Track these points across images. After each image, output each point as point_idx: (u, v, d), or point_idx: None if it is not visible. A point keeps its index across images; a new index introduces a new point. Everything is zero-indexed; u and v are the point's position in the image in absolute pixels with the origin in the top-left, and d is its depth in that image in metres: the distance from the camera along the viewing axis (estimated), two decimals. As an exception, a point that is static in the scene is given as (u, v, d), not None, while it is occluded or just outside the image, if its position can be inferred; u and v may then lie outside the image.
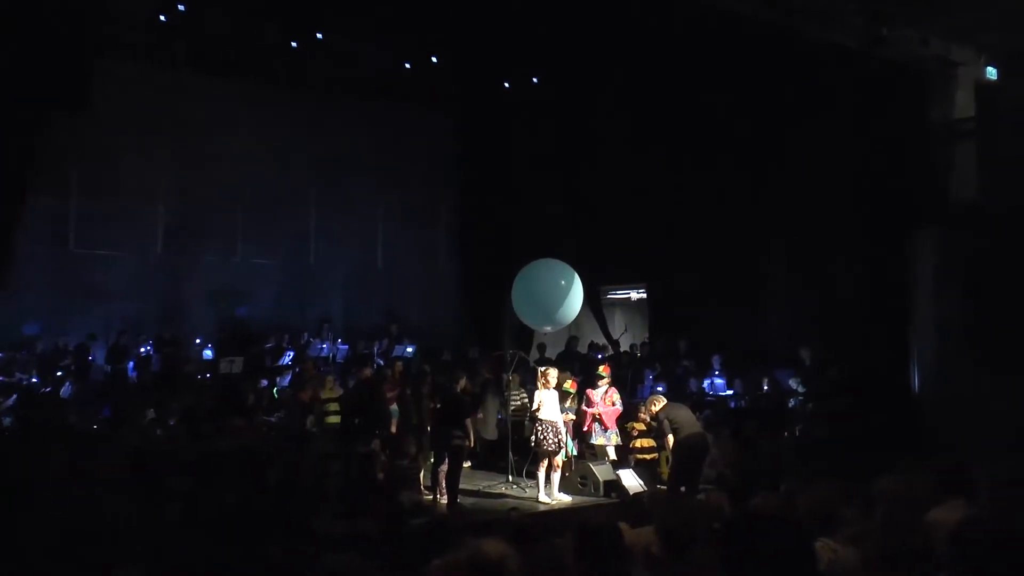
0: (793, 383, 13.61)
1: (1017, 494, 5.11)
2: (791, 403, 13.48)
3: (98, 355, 14.68)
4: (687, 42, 13.93)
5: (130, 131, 15.55)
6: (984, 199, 13.11)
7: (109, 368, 14.30)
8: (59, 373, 13.54)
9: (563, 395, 11.88)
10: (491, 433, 13.16)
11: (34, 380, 13.43)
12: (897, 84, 13.36)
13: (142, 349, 14.85)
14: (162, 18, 14.77)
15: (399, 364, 13.99)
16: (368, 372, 13.02)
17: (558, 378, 11.68)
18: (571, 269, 11.74)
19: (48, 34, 13.12)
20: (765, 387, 14.11)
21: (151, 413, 11.25)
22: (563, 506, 11.00)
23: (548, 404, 11.24)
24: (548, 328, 12.51)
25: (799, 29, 12.33)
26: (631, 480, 11.50)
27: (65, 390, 12.99)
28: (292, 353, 15.31)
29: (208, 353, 15.40)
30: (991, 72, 13.54)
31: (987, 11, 11.99)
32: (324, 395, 12.29)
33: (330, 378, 12.97)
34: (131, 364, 14.44)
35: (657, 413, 11.31)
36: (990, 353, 12.03)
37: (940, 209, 13.20)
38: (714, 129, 15.76)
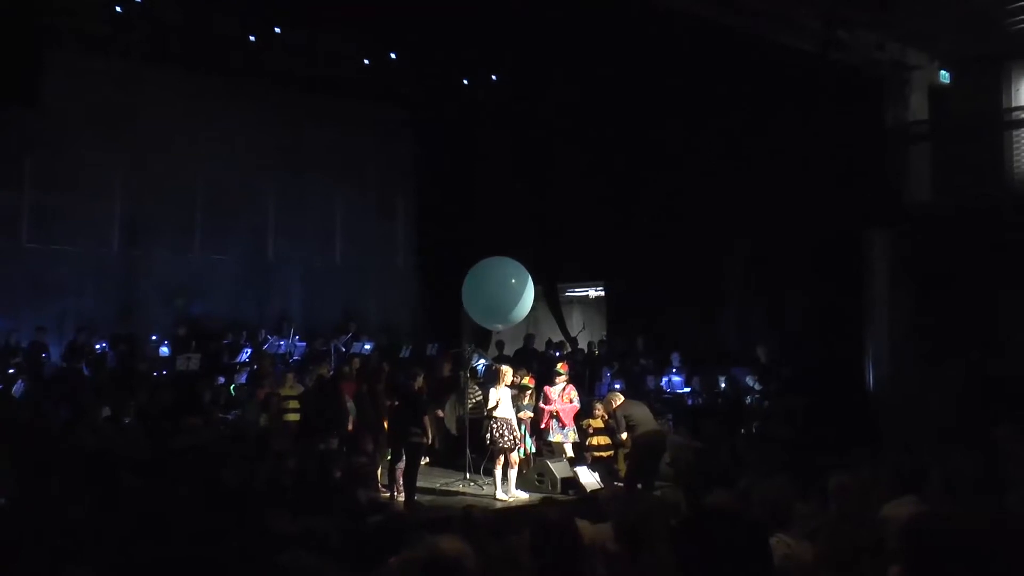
0: (750, 380, 13.73)
1: (967, 490, 5.21)
2: (748, 400, 13.59)
3: (49, 351, 14.47)
4: (646, 44, 13.99)
5: (85, 124, 15.28)
6: (937, 201, 13.30)
7: (64, 365, 14.09)
8: (10, 371, 13.32)
9: (521, 390, 11.88)
10: (455, 428, 13.21)
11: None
12: (853, 88, 13.50)
13: (97, 346, 14.64)
14: (118, 9, 14.55)
15: (356, 361, 13.95)
16: (326, 370, 12.96)
17: (514, 375, 11.71)
18: (522, 267, 11.75)
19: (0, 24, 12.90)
20: (722, 385, 14.21)
21: (106, 411, 11.10)
22: (520, 503, 11.02)
23: (503, 402, 11.26)
24: (500, 326, 12.54)
25: (757, 33, 12.43)
26: (588, 477, 11.55)
27: (17, 388, 12.78)
28: (250, 350, 15.19)
29: (164, 350, 15.22)
30: (944, 76, 13.76)
31: (940, 17, 12.18)
32: (284, 392, 12.25)
33: (290, 375, 12.91)
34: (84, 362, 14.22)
35: (614, 410, 11.37)
36: (940, 353, 12.22)
37: (895, 210, 13.37)
38: (673, 130, 15.86)
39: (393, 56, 16.92)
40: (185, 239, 17.08)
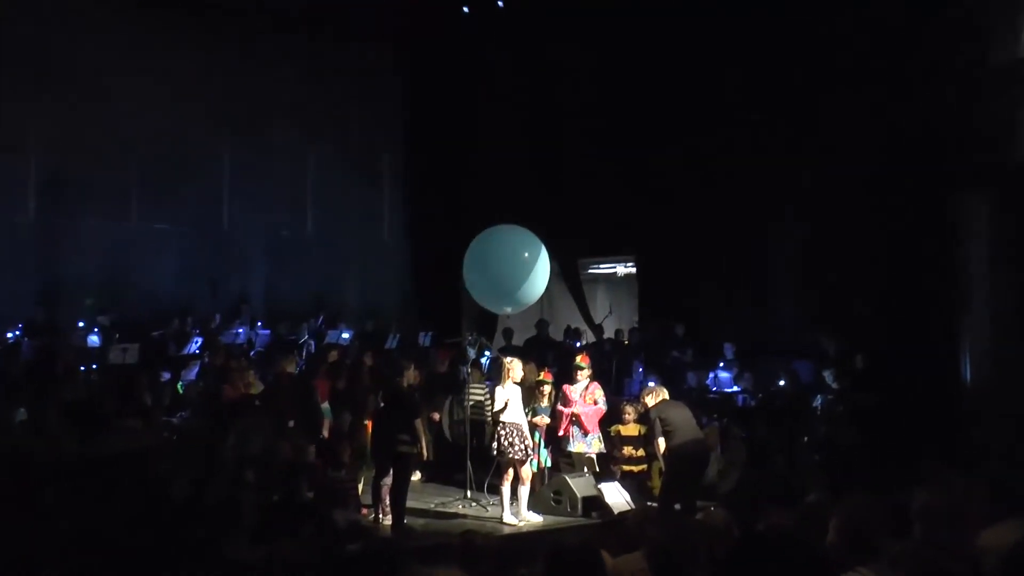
0: (828, 376, 13.60)
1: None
2: (818, 400, 13.46)
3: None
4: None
5: (-7, 64, 15.30)
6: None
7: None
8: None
9: (536, 388, 11.83)
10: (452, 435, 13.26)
11: None
12: (947, 20, 13.36)
13: (9, 334, 14.65)
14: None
15: (333, 353, 13.96)
16: (291, 364, 12.94)
17: (524, 370, 11.66)
18: (535, 237, 11.71)
19: None
20: (781, 382, 14.11)
21: (22, 413, 11.12)
22: (532, 528, 11.03)
23: (511, 403, 11.21)
24: (508, 309, 12.53)
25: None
26: (615, 496, 11.52)
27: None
28: (200, 340, 15.20)
29: (94, 339, 15.23)
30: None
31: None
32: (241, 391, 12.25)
33: (250, 372, 12.89)
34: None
35: (650, 409, 11.32)
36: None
37: (995, 169, 13.23)
38: (718, 75, 15.75)
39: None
40: (119, 204, 17.14)
